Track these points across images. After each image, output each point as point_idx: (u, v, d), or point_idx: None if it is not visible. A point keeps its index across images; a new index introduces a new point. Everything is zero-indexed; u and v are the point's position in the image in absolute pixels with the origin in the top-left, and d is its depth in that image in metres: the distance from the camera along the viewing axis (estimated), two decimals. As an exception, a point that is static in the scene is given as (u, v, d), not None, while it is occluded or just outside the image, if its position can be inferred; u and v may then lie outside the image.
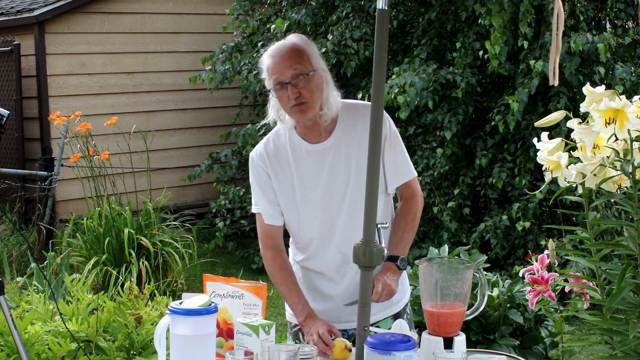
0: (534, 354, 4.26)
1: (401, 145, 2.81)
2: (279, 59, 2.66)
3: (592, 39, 6.41)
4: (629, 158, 2.35)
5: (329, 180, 2.73)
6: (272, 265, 2.83)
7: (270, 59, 2.68)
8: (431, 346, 2.21)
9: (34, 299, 3.78)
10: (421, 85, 6.72)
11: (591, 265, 2.55)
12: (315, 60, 2.68)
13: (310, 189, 2.75)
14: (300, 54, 2.66)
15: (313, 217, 2.78)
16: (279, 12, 8.58)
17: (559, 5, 2.30)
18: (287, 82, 2.63)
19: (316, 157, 2.74)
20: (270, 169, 2.79)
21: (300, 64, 2.64)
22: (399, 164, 2.79)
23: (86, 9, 8.96)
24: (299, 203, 2.77)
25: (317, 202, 2.75)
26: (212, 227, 8.13)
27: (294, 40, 2.71)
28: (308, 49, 2.69)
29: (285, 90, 2.64)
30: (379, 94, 2.24)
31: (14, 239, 7.47)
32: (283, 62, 2.64)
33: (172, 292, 6.21)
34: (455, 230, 6.92)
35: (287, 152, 2.77)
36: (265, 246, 2.85)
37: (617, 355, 2.40)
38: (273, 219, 2.82)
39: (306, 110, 2.66)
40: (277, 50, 2.68)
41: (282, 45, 2.69)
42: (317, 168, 2.74)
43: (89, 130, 6.59)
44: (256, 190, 2.83)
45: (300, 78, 2.62)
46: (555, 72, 2.40)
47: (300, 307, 2.75)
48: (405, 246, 2.79)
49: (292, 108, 2.66)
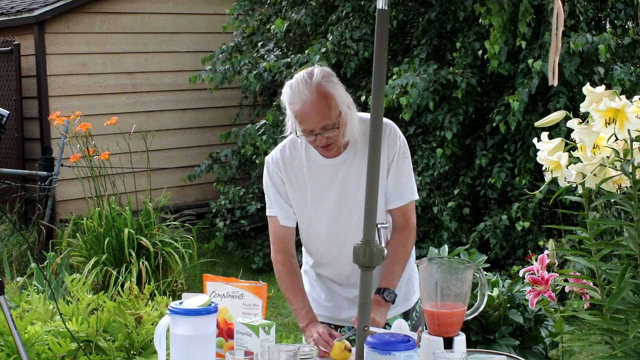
0: (534, 354, 4.26)
1: (409, 166, 2.84)
2: (309, 108, 2.66)
3: (592, 39, 6.41)
4: (629, 158, 2.35)
5: (341, 192, 2.79)
6: (281, 269, 2.88)
7: (299, 105, 2.67)
8: (431, 346, 2.21)
9: (34, 299, 3.78)
10: (422, 85, 6.72)
11: (591, 265, 2.55)
12: (341, 100, 2.70)
13: (322, 200, 2.82)
14: (327, 102, 2.66)
15: (322, 226, 2.84)
16: (279, 12, 8.57)
17: (558, 5, 2.30)
18: (317, 133, 2.68)
19: (330, 170, 2.80)
20: (285, 175, 2.84)
21: (329, 114, 2.66)
22: (402, 184, 2.82)
23: (86, 9, 8.95)
24: (310, 212, 2.84)
25: (327, 212, 2.82)
26: (212, 227, 8.13)
27: (320, 82, 2.67)
28: (334, 91, 2.69)
29: (314, 136, 2.69)
30: (379, 94, 2.24)
31: (14, 239, 7.47)
32: (313, 114, 2.65)
33: (172, 292, 6.21)
34: (455, 230, 6.92)
35: (302, 162, 2.83)
36: (276, 250, 2.90)
37: (617, 355, 2.40)
38: (287, 221, 2.87)
39: (332, 149, 2.75)
40: (306, 98, 2.66)
41: (310, 92, 2.66)
42: (330, 180, 2.80)
43: (89, 130, 6.59)
44: (272, 193, 2.87)
45: (329, 129, 2.67)
46: (554, 72, 2.40)
47: (304, 313, 2.80)
48: (393, 279, 2.80)
49: (318, 147, 2.74)
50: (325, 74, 2.71)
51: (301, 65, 7.47)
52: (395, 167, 2.79)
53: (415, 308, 2.96)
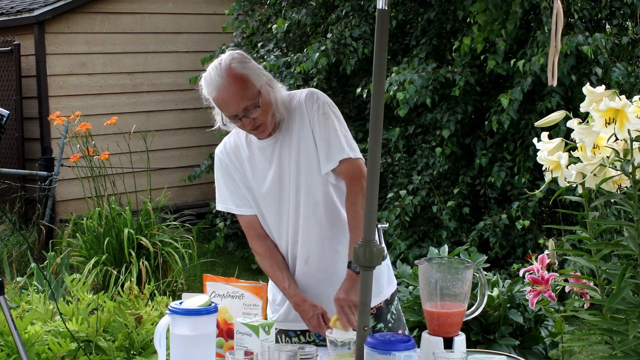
0: (534, 354, 4.26)
1: (334, 125, 2.69)
2: (224, 93, 2.62)
3: (585, 40, 6.40)
4: (629, 158, 2.35)
5: (277, 171, 2.75)
6: (259, 253, 2.84)
7: (215, 93, 2.64)
8: (431, 346, 2.21)
9: (34, 299, 3.78)
10: (420, 83, 6.72)
11: (591, 265, 2.55)
12: (258, 80, 2.64)
13: (263, 183, 2.77)
14: (242, 82, 2.61)
15: (269, 209, 2.79)
16: (279, 12, 8.57)
17: (558, 5, 2.29)
18: (241, 116, 2.63)
19: (267, 152, 2.76)
20: (230, 164, 2.82)
21: (246, 95, 2.61)
22: (331, 145, 2.69)
23: (86, 9, 8.95)
24: (257, 197, 2.80)
25: (270, 194, 2.77)
26: (212, 227, 8.12)
27: (230, 65, 2.63)
28: (246, 70, 2.63)
29: (239, 120, 2.65)
30: (379, 94, 2.23)
31: (14, 239, 7.47)
32: (229, 98, 2.62)
33: (172, 292, 6.21)
34: (454, 230, 6.92)
35: (243, 148, 2.81)
36: (250, 238, 2.86)
37: (617, 355, 2.40)
38: (244, 209, 2.83)
39: (264, 130, 2.69)
40: (219, 84, 2.62)
41: (222, 77, 2.62)
42: (268, 162, 2.76)
43: (88, 130, 6.59)
44: (224, 184, 2.84)
45: (251, 107, 2.62)
46: (553, 72, 2.40)
47: (292, 291, 2.76)
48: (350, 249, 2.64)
49: (250, 131, 2.71)
50: (234, 56, 2.67)
51: (301, 64, 7.47)
52: (318, 130, 2.69)
53: (391, 310, 2.87)
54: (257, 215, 2.83)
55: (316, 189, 2.73)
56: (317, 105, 2.70)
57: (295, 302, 2.75)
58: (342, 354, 2.38)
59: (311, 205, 2.74)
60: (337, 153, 2.68)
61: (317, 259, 2.78)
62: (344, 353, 2.37)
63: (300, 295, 2.75)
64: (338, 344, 2.39)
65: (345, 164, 2.69)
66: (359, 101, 7.89)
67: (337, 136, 2.69)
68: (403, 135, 7.50)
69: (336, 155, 2.68)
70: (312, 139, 2.71)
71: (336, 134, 2.69)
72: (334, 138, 2.69)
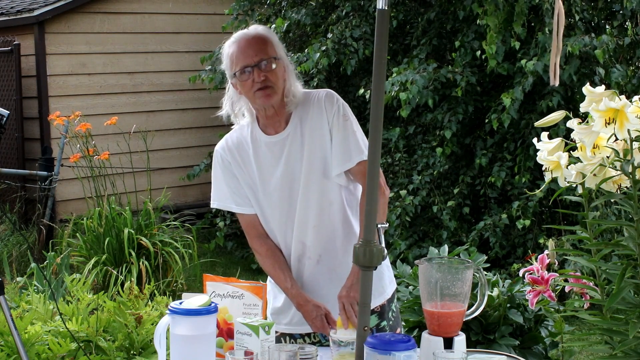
0: (534, 354, 4.26)
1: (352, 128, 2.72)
2: (245, 43, 2.66)
3: (590, 41, 6.41)
4: (629, 158, 2.35)
5: (286, 169, 2.73)
6: (260, 253, 2.82)
7: (235, 45, 2.69)
8: (431, 346, 2.21)
9: (34, 299, 3.78)
10: (422, 83, 6.72)
11: (591, 265, 2.55)
12: (279, 49, 2.70)
13: (269, 180, 2.75)
14: (264, 41, 2.68)
15: (274, 208, 2.77)
16: (279, 12, 8.57)
17: (559, 6, 2.29)
18: (254, 65, 2.63)
19: (275, 148, 2.74)
20: (232, 161, 2.78)
21: (265, 49, 2.66)
22: (349, 146, 2.71)
23: (86, 9, 8.96)
24: (261, 195, 2.77)
25: (276, 192, 2.75)
26: (212, 227, 8.12)
27: (257, 29, 2.72)
28: (272, 37, 2.71)
29: (250, 74, 2.64)
30: (379, 94, 2.23)
31: (14, 239, 7.47)
32: (249, 47, 2.65)
33: (172, 292, 6.21)
34: (455, 230, 6.92)
35: (248, 144, 2.78)
36: (251, 237, 2.84)
37: (617, 355, 2.40)
38: (244, 207, 2.81)
39: (271, 95, 2.66)
40: (241, 37, 2.69)
41: (246, 33, 2.70)
42: (275, 159, 2.74)
43: (88, 130, 6.59)
44: (224, 182, 2.80)
45: (265, 62, 2.64)
46: (556, 72, 2.40)
47: (295, 291, 2.75)
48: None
49: (256, 92, 2.66)
50: (264, 27, 2.76)
51: (301, 65, 7.47)
52: (337, 130, 2.70)
53: (392, 308, 2.88)
54: (257, 215, 2.82)
55: (331, 187, 2.73)
56: (337, 106, 2.73)
57: (297, 302, 2.74)
58: (345, 353, 2.38)
59: (326, 204, 2.73)
60: (357, 155, 2.71)
61: (329, 258, 2.77)
62: (347, 353, 2.38)
63: (302, 295, 2.74)
64: (341, 343, 2.39)
65: (363, 164, 2.70)
66: (359, 101, 7.89)
67: (355, 138, 2.73)
68: (403, 135, 7.51)
69: (355, 156, 2.71)
70: (328, 138, 2.71)
71: (355, 135, 2.73)
72: (353, 140, 2.72)
